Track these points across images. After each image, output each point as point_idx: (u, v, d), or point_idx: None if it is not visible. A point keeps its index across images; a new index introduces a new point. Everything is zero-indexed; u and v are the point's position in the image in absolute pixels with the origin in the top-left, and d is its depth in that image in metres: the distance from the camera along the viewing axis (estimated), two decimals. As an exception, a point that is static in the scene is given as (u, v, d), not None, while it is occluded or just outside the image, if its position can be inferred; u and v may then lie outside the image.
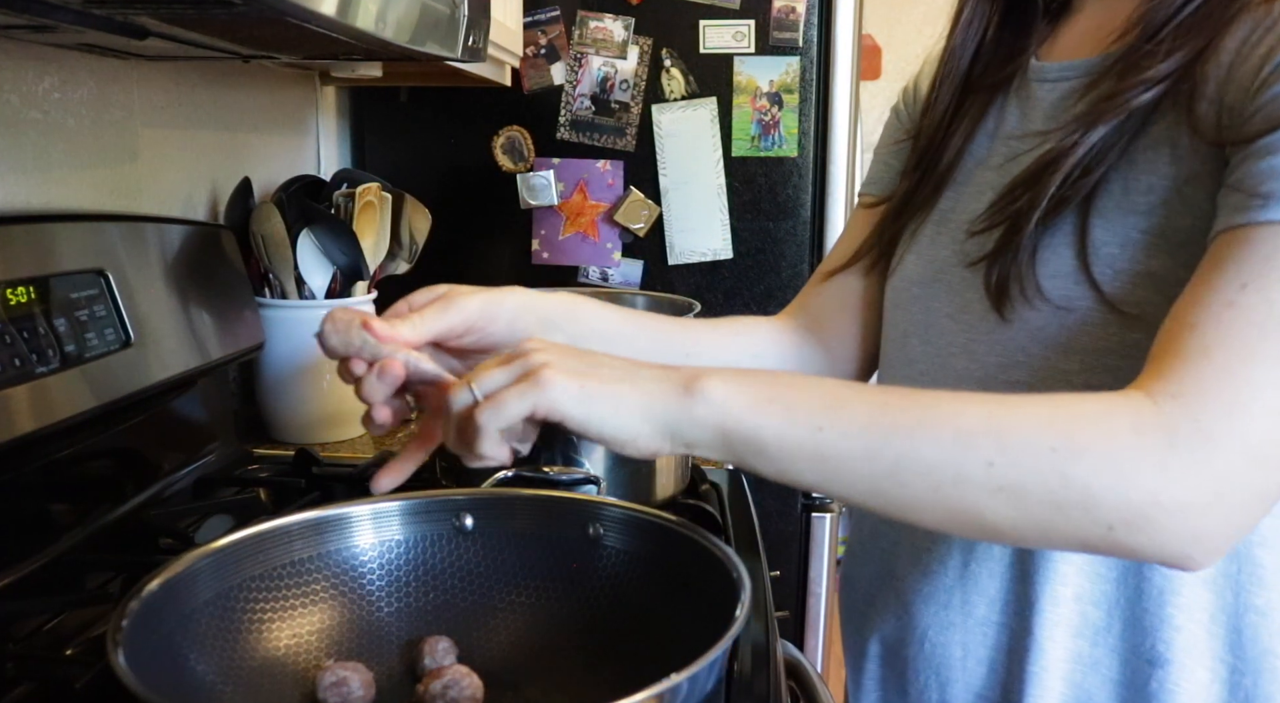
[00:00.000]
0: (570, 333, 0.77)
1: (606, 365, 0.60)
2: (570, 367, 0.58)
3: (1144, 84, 0.65)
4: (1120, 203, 0.66)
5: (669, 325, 0.87)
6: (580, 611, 0.79)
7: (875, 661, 0.85)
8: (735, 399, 0.58)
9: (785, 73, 1.70)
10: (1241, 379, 0.55)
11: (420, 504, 0.82)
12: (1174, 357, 0.57)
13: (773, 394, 0.59)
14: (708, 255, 1.77)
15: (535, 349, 0.60)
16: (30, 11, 0.79)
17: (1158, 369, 0.57)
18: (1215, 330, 0.56)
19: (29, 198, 1.05)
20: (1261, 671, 0.68)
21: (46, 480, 0.97)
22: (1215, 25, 0.64)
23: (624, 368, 0.60)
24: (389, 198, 1.43)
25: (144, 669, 0.58)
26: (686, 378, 0.59)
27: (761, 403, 0.58)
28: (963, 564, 0.76)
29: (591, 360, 0.60)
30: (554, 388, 0.57)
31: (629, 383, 0.59)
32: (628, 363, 0.61)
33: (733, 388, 0.58)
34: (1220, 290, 0.57)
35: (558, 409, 0.57)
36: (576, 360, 0.59)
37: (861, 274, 0.90)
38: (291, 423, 1.38)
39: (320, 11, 0.77)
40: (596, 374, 0.59)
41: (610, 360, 0.61)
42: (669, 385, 0.58)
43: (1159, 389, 0.56)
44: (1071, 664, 0.72)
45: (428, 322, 0.69)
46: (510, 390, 0.58)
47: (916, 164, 0.84)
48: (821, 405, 0.58)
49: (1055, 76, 0.74)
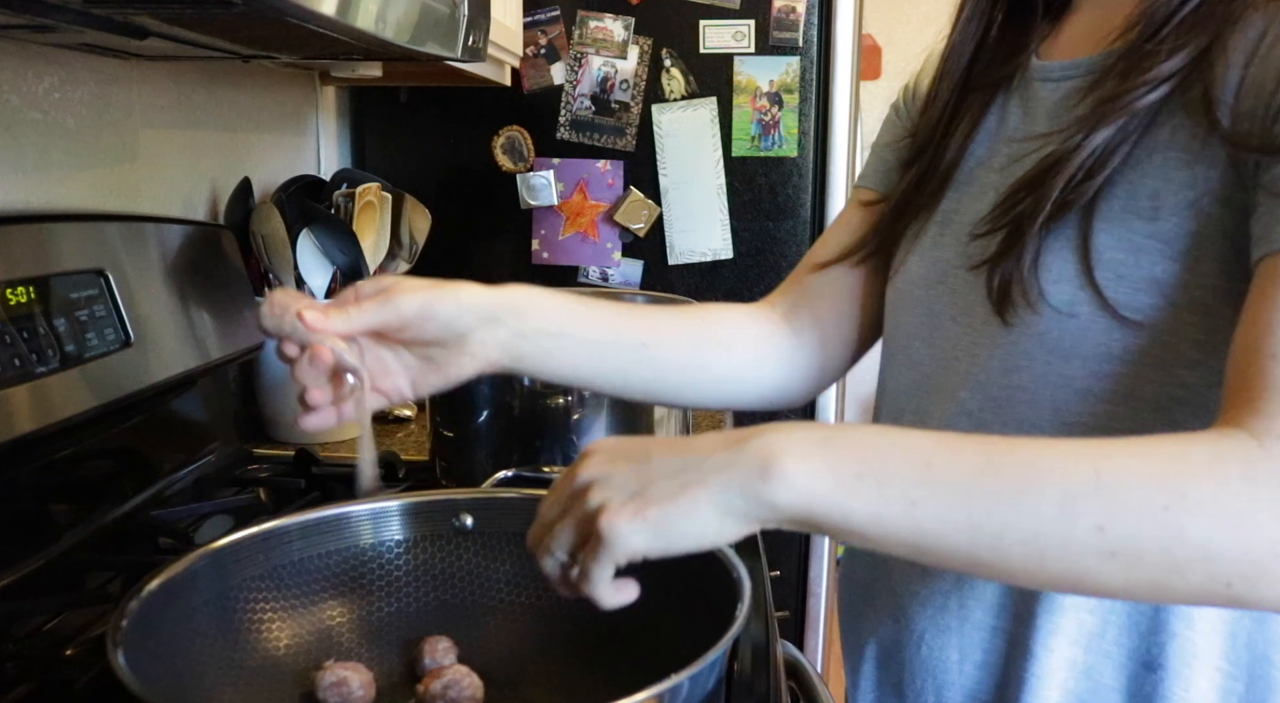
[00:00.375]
0: (514, 328, 0.75)
1: (663, 471, 0.56)
2: (627, 501, 0.55)
3: (1147, 85, 0.64)
4: (1124, 207, 0.66)
5: (625, 314, 0.83)
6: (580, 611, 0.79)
7: (872, 663, 0.84)
8: (819, 482, 0.53)
9: (785, 73, 1.70)
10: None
11: (420, 504, 0.82)
12: (1265, 391, 0.54)
13: (860, 468, 0.54)
14: (708, 255, 1.77)
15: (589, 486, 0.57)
16: (30, 11, 0.79)
17: (1252, 406, 0.55)
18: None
19: (29, 198, 1.05)
20: (1257, 678, 0.68)
21: (46, 480, 0.97)
22: (1219, 22, 0.63)
23: (683, 466, 0.55)
24: (389, 198, 1.43)
25: (144, 669, 0.59)
26: (760, 458, 0.54)
27: (849, 481, 0.54)
28: None
29: (645, 473, 0.56)
30: (622, 538, 0.54)
31: (696, 485, 0.54)
32: (685, 450, 0.57)
33: (815, 466, 0.54)
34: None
35: (638, 552, 0.55)
36: (633, 481, 0.56)
37: (853, 269, 0.89)
38: (291, 423, 1.38)
39: (320, 11, 0.77)
40: (656, 493, 0.55)
41: (664, 453, 0.57)
42: (741, 472, 0.54)
43: (1262, 429, 0.53)
44: (1068, 671, 0.71)
45: (363, 316, 0.70)
46: (590, 562, 0.56)
47: (914, 161, 0.84)
48: (914, 475, 0.54)
49: (1058, 76, 0.74)
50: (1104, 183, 0.66)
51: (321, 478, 1.16)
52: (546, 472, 0.98)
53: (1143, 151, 0.66)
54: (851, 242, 0.89)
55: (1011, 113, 0.78)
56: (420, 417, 1.51)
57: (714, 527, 0.55)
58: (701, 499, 0.54)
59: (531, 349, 0.76)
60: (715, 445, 0.56)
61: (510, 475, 0.97)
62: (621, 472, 0.56)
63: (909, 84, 0.91)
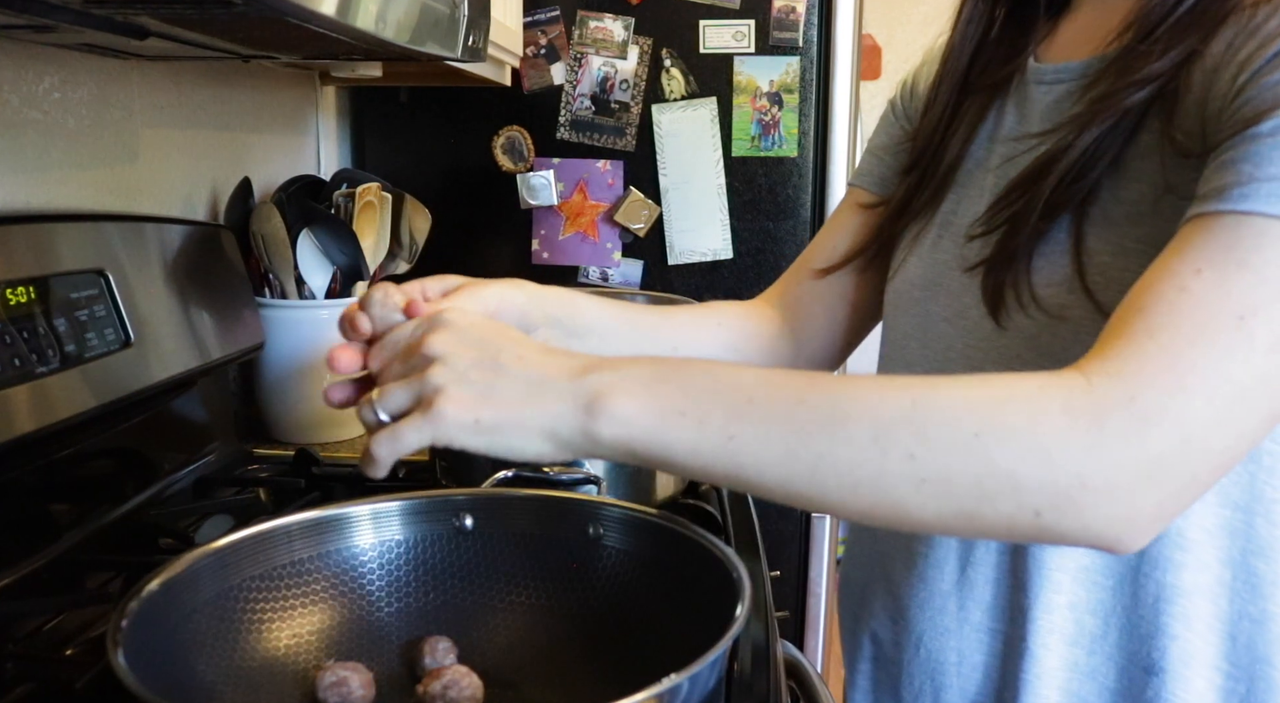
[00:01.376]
0: (568, 327, 0.78)
1: (508, 377, 0.58)
2: (466, 393, 0.57)
3: (1137, 84, 0.65)
4: (1111, 211, 0.66)
5: (656, 315, 0.87)
6: (580, 611, 0.79)
7: (870, 663, 0.84)
8: (642, 417, 0.56)
9: (785, 73, 1.70)
10: (1186, 362, 0.53)
11: (420, 504, 0.82)
12: (1118, 338, 0.55)
13: (682, 404, 0.57)
14: (708, 255, 1.77)
15: (434, 359, 0.59)
16: (30, 11, 0.79)
17: (1100, 351, 0.56)
18: (1165, 314, 0.54)
19: (29, 198, 1.05)
20: (1256, 679, 0.68)
21: (46, 480, 0.97)
22: (1209, 24, 0.63)
23: (526, 382, 0.58)
24: (389, 198, 1.43)
25: (144, 669, 0.59)
26: (590, 394, 0.57)
27: (671, 416, 0.56)
28: (959, 570, 0.75)
29: (491, 371, 0.58)
30: (447, 422, 0.57)
31: (531, 404, 0.58)
32: (534, 365, 0.59)
33: (640, 404, 0.57)
34: (1176, 274, 0.56)
35: (455, 442, 0.58)
36: (477, 374, 0.58)
37: (854, 274, 0.90)
38: (291, 423, 1.38)
39: (320, 11, 0.77)
40: (494, 398, 0.58)
41: (513, 361, 0.59)
42: (572, 403, 0.57)
43: (1097, 369, 0.55)
44: (1067, 672, 0.71)
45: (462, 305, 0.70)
46: (408, 425, 0.58)
47: (914, 165, 0.84)
48: (735, 410, 0.56)
49: (1052, 78, 0.74)
50: (1094, 185, 0.66)
51: (321, 478, 1.16)
52: (547, 472, 0.98)
53: (1128, 156, 0.66)
54: (853, 248, 0.89)
55: (1008, 115, 0.78)
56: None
57: (534, 447, 0.58)
58: (532, 420, 0.57)
59: (582, 348, 0.78)
60: (560, 371, 0.58)
61: (510, 475, 0.97)
62: (470, 361, 0.59)
63: (906, 80, 0.91)
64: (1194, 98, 0.62)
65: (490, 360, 0.59)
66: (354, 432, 1.42)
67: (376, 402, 0.60)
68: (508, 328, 0.63)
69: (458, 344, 0.60)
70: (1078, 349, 0.66)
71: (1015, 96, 0.77)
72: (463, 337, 0.60)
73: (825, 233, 0.93)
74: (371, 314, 0.67)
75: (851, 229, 0.90)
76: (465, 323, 0.61)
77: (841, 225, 0.92)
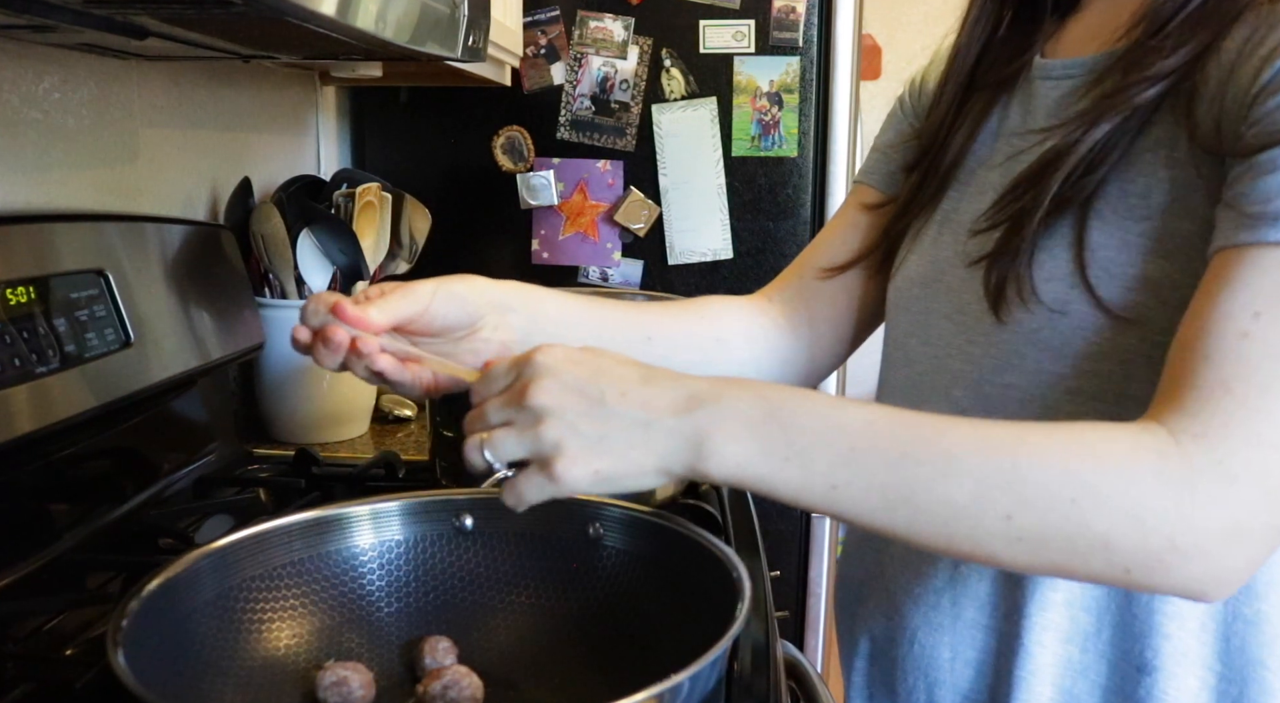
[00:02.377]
0: (526, 315, 0.78)
1: (617, 421, 0.59)
2: (581, 448, 0.59)
3: (1148, 80, 0.64)
4: (1117, 206, 0.66)
5: (628, 311, 0.87)
6: (580, 611, 0.79)
7: (865, 660, 0.84)
8: (749, 461, 0.59)
9: (785, 73, 1.70)
10: (1263, 414, 0.55)
11: (420, 504, 0.82)
12: (1193, 390, 0.56)
13: (786, 450, 0.58)
14: (708, 255, 1.77)
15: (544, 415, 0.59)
16: (30, 11, 0.79)
17: (1178, 403, 0.57)
18: (1234, 363, 0.55)
19: (29, 198, 1.05)
20: (1249, 680, 0.68)
21: (46, 481, 0.97)
22: (1222, 20, 0.62)
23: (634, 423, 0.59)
24: (389, 198, 1.43)
25: (144, 669, 0.59)
26: (698, 434, 0.59)
27: (776, 463, 0.58)
28: (953, 566, 0.75)
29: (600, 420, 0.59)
30: (569, 480, 0.59)
31: (642, 447, 0.59)
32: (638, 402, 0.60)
33: (746, 449, 0.58)
34: (1234, 318, 0.56)
35: (577, 493, 0.60)
36: (587, 424, 0.59)
37: (861, 274, 0.89)
38: (291, 423, 1.38)
39: (320, 11, 0.77)
40: (607, 448, 0.59)
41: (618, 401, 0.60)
42: (681, 442, 0.59)
43: (1182, 428, 0.56)
44: (1060, 669, 0.71)
45: (392, 306, 0.71)
46: (530, 486, 0.61)
47: (918, 163, 0.84)
48: (837, 459, 0.58)
49: (1059, 74, 0.74)
50: (1100, 181, 0.66)
51: (321, 478, 1.16)
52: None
53: (1136, 151, 0.66)
54: (861, 249, 0.89)
55: (1013, 111, 0.78)
56: (420, 417, 1.51)
57: (649, 483, 0.61)
58: (646, 463, 0.60)
59: (542, 337, 0.76)
60: (665, 407, 0.60)
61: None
62: (578, 411, 0.60)
63: (915, 78, 0.91)
64: (1210, 93, 0.62)
65: (597, 406, 0.60)
66: (354, 432, 1.42)
67: (487, 446, 0.61)
68: (600, 355, 0.63)
69: (562, 393, 0.60)
70: (1077, 345, 0.66)
71: (1021, 92, 0.77)
72: (565, 383, 0.60)
73: (830, 231, 0.93)
74: (310, 326, 0.70)
75: (858, 228, 0.90)
76: (562, 367, 0.61)
77: (847, 224, 0.91)
